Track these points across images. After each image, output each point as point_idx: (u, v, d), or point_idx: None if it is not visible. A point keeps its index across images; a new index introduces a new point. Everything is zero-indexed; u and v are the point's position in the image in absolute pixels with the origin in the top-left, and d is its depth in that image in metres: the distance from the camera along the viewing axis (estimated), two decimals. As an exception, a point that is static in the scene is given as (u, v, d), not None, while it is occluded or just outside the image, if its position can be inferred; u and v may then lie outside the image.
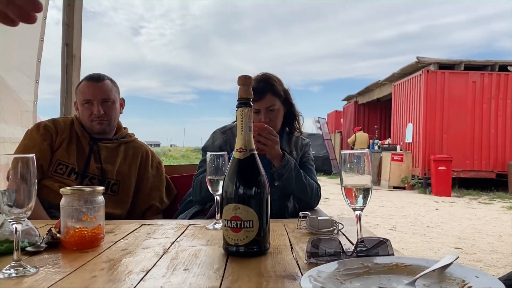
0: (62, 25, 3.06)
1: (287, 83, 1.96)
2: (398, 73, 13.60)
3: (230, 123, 2.03)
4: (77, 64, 3.03)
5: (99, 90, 1.95)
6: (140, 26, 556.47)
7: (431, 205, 8.68)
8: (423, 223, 6.52)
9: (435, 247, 4.91)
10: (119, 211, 1.94)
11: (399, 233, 5.72)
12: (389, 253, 0.91)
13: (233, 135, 1.93)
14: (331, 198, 9.02)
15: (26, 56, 2.95)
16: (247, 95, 1.03)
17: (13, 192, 0.84)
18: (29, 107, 2.93)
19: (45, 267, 0.89)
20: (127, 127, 2.14)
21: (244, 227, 0.95)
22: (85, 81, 1.98)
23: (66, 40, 3.02)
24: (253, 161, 1.01)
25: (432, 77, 11.62)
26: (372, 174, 1.00)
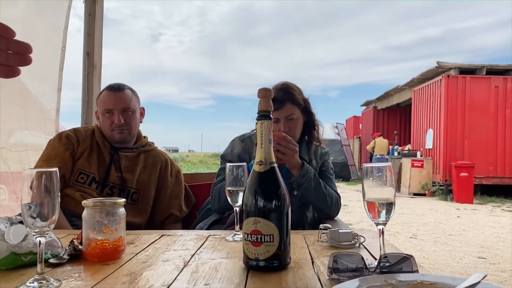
0: (83, 35, 3.11)
1: (305, 88, 1.95)
2: (418, 78, 13.44)
3: (248, 129, 2.03)
4: (98, 73, 3.08)
5: (120, 100, 1.97)
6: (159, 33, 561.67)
7: (453, 212, 8.51)
8: (445, 231, 6.40)
9: (457, 256, 4.80)
10: (139, 220, 1.95)
11: (420, 241, 5.62)
12: (413, 270, 0.89)
13: (252, 144, 1.93)
14: (350, 205, 8.93)
15: (49, 65, 3.01)
16: (267, 107, 1.02)
17: (37, 205, 0.85)
18: (52, 115, 2.98)
19: (68, 280, 0.90)
20: (147, 136, 2.16)
21: (264, 241, 0.94)
22: (106, 91, 2.01)
23: (87, 49, 3.08)
24: (273, 174, 1.00)
25: (452, 82, 11.44)
26: (395, 186, 0.98)
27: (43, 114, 2.95)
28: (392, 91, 16.40)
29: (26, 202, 0.85)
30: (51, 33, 3.06)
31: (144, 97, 2.12)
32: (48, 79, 3.01)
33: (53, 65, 3.03)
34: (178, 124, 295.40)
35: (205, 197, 2.06)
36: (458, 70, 11.71)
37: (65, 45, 3.07)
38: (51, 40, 3.02)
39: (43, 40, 3.05)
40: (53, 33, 3.04)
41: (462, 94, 11.39)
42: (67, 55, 3.12)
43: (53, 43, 3.03)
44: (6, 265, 0.97)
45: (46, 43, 3.03)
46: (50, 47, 3.03)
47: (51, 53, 3.02)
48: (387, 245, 1.04)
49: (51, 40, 3.02)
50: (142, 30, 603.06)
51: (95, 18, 3.07)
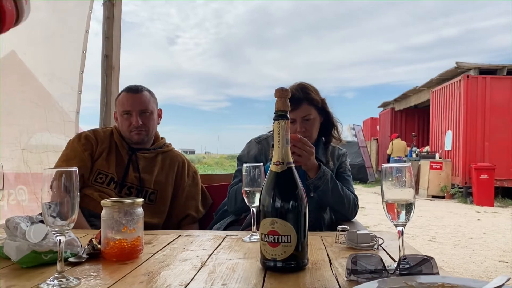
0: (102, 38, 3.16)
1: (321, 89, 1.94)
2: (437, 79, 13.25)
3: (263, 130, 2.02)
4: (116, 75, 3.12)
5: (138, 102, 1.99)
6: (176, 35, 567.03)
7: (473, 215, 8.35)
8: (464, 234, 6.28)
9: (477, 260, 4.71)
10: (156, 220, 1.96)
11: (439, 245, 5.53)
12: (434, 272, 0.87)
13: (268, 145, 1.93)
14: (368, 207, 8.84)
15: (69, 68, 3.06)
16: (284, 107, 1.02)
17: (57, 204, 0.86)
18: (72, 117, 3.03)
19: (87, 278, 0.91)
20: (164, 137, 2.18)
21: (282, 241, 0.94)
22: (124, 93, 2.03)
23: (106, 52, 3.12)
24: (291, 174, 1.00)
25: (472, 83, 11.24)
26: (414, 187, 0.96)
27: (63, 116, 3.00)
28: (410, 92, 16.21)
29: (47, 201, 0.86)
30: (72, 36, 3.11)
31: (161, 99, 2.14)
32: (69, 81, 3.06)
33: (74, 67, 3.08)
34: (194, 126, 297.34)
35: (221, 198, 2.06)
36: (478, 71, 11.50)
37: (85, 48, 3.12)
38: (72, 43, 3.08)
39: (64, 43, 3.10)
40: (74, 36, 3.10)
41: (482, 95, 11.18)
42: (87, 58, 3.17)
43: (74, 46, 3.08)
44: (27, 263, 0.99)
45: (67, 46, 3.09)
46: (71, 50, 3.08)
47: (72, 56, 3.07)
48: (406, 247, 1.02)
49: (72, 43, 3.08)
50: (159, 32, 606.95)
51: (113, 21, 3.12)
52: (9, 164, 2.76)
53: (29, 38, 2.90)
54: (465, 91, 11.21)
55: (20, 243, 1.00)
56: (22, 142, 2.85)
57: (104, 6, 3.12)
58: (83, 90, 3.15)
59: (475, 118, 11.20)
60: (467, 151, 11.22)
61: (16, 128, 2.81)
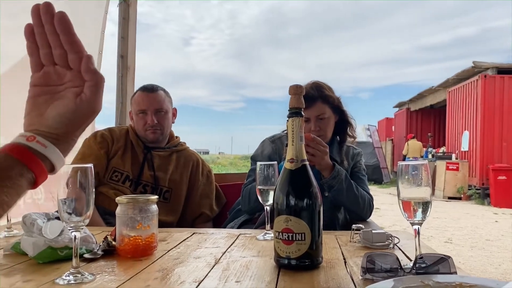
0: (117, 38, 3.19)
1: (335, 89, 1.92)
2: (453, 78, 13.06)
3: (277, 131, 2.02)
4: (132, 75, 3.15)
5: (153, 101, 2.00)
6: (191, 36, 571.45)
7: (490, 217, 8.21)
8: (482, 236, 6.17)
9: (495, 262, 4.62)
10: (170, 219, 1.97)
11: (456, 246, 5.44)
12: (451, 271, 0.85)
13: (282, 144, 1.92)
14: (382, 208, 8.76)
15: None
16: (298, 104, 1.01)
17: (72, 201, 0.87)
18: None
19: (101, 274, 0.91)
20: (179, 136, 2.18)
21: (296, 239, 0.93)
22: (139, 92, 2.05)
23: (121, 52, 3.15)
24: (305, 172, 0.99)
25: (490, 82, 11.05)
26: (431, 186, 0.94)
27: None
28: (425, 92, 16.02)
29: (62, 197, 0.87)
30: (88, 37, 3.15)
31: (175, 100, 2.15)
32: (85, 81, 3.10)
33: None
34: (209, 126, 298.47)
35: (235, 197, 2.06)
36: (496, 70, 11.31)
37: (102, 48, 3.15)
38: (88, 44, 3.10)
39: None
40: (91, 37, 3.13)
41: (500, 95, 10.99)
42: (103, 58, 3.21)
43: (90, 46, 3.11)
44: (43, 259, 1.00)
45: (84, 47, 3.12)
46: (88, 51, 3.11)
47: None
48: (423, 247, 1.01)
49: (88, 44, 3.10)
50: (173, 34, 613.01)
51: (128, 21, 3.15)
52: (26, 163, 2.80)
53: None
54: (483, 91, 11.04)
55: (37, 239, 1.02)
56: (39, 141, 2.89)
57: (120, 7, 3.16)
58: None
59: (493, 118, 11.01)
60: (484, 152, 11.04)
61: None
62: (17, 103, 2.71)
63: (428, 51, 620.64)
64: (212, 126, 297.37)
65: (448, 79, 13.46)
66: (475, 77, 11.44)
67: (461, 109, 12.42)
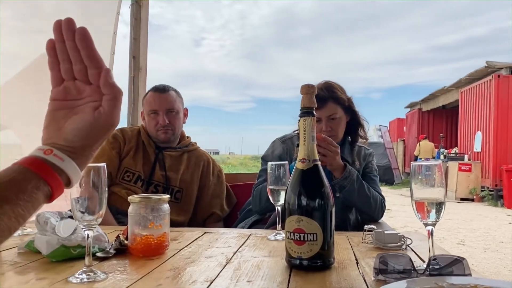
0: (129, 39, 3.21)
1: (346, 90, 1.91)
2: (466, 78, 12.92)
3: (288, 131, 2.01)
4: (143, 76, 3.16)
5: (164, 101, 2.01)
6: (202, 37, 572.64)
7: (504, 218, 8.10)
8: (495, 238, 6.09)
9: (509, 264, 4.56)
10: (182, 218, 1.98)
11: (468, 248, 5.38)
12: (466, 273, 0.84)
13: (293, 145, 1.91)
14: (394, 209, 8.69)
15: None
16: (310, 104, 1.00)
17: (85, 200, 0.88)
18: (100, 117, 3.09)
19: (114, 273, 0.92)
20: (190, 136, 2.19)
21: (307, 240, 0.93)
22: (151, 92, 2.06)
23: (133, 53, 3.17)
24: (317, 172, 0.98)
25: (503, 82, 10.91)
26: (445, 186, 0.93)
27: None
28: (437, 92, 15.87)
29: (75, 196, 0.88)
30: (100, 38, 3.17)
31: (186, 100, 2.16)
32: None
33: (103, 69, 3.14)
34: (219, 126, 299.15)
35: (246, 197, 2.06)
36: (509, 70, 11.15)
37: (114, 49, 3.17)
38: (100, 45, 3.13)
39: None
40: (103, 38, 3.16)
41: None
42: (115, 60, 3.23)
43: (103, 47, 3.14)
44: (56, 257, 1.01)
45: (97, 48, 3.15)
46: (100, 51, 3.14)
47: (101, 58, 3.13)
48: (436, 248, 1.00)
49: (100, 45, 3.13)
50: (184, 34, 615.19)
51: (140, 22, 3.16)
52: (40, 163, 2.83)
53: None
54: (496, 90, 10.90)
55: (50, 238, 1.03)
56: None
57: (132, 8, 3.17)
58: (111, 91, 3.21)
59: (506, 118, 10.87)
60: (497, 153, 10.90)
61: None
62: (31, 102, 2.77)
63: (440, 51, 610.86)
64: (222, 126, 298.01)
65: (460, 79, 13.32)
66: (488, 77, 11.30)
67: (474, 110, 12.28)
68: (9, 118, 2.67)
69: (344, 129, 1.89)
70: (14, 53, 2.74)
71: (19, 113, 2.69)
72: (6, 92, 2.61)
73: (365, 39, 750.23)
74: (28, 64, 2.77)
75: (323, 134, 1.70)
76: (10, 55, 2.72)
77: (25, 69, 2.75)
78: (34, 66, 2.73)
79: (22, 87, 2.73)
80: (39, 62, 2.83)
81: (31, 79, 2.77)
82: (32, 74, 2.76)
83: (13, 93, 2.65)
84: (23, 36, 2.81)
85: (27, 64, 2.76)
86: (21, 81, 2.72)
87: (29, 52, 2.79)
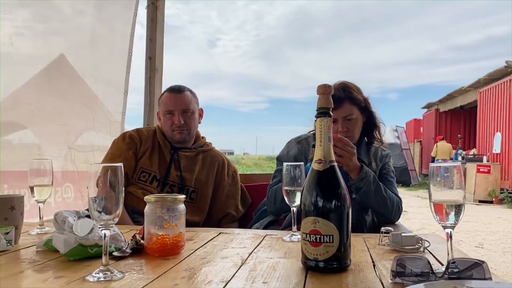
0: (145, 40, 3.24)
1: (363, 90, 1.89)
2: (485, 78, 12.71)
3: (303, 132, 2.00)
4: (159, 77, 3.19)
5: (180, 101, 2.02)
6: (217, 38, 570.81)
7: (524, 221, 7.94)
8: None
9: (529, 268, 4.46)
10: (197, 219, 1.98)
11: (487, 251, 5.28)
12: (486, 277, 0.82)
13: (308, 145, 1.90)
14: (410, 211, 8.58)
15: (116, 69, 3.16)
16: (326, 104, 1.00)
17: (103, 199, 0.89)
18: (117, 118, 3.12)
19: (130, 272, 0.92)
20: (205, 137, 2.20)
21: (324, 241, 0.92)
22: (167, 93, 2.07)
23: (149, 53, 3.19)
24: (333, 173, 0.98)
25: (524, 82, 10.70)
26: (464, 188, 0.92)
27: (108, 117, 3.10)
28: (455, 92, 15.64)
29: (93, 196, 0.89)
30: (118, 39, 3.21)
31: (201, 101, 2.16)
32: (114, 83, 3.16)
33: (120, 69, 3.18)
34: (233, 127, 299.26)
35: (260, 198, 2.06)
36: (530, 70, 10.95)
37: (131, 50, 3.21)
38: (117, 46, 3.17)
39: (111, 46, 3.21)
40: (120, 39, 3.20)
41: (534, 95, 10.64)
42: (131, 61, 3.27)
43: (120, 48, 3.18)
44: (73, 256, 1.02)
45: (115, 49, 3.19)
46: (117, 52, 3.19)
47: (119, 58, 3.17)
48: (455, 251, 0.98)
49: (117, 46, 3.18)
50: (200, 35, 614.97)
51: (156, 23, 3.19)
52: (57, 163, 2.88)
53: (78, 43, 3.02)
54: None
55: (68, 236, 1.04)
56: (69, 141, 2.96)
57: (148, 9, 3.20)
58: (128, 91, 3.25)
59: (527, 119, 10.66)
60: (517, 154, 10.70)
61: (65, 128, 2.93)
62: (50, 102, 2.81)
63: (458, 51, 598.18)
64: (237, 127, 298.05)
65: (479, 79, 13.10)
66: (508, 77, 11.09)
67: (493, 110, 12.06)
68: (28, 118, 2.71)
69: (361, 130, 1.87)
70: (33, 54, 2.78)
71: (37, 113, 2.73)
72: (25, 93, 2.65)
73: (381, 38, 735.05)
74: (46, 65, 2.81)
75: (339, 135, 1.68)
76: (29, 55, 2.77)
77: (44, 69, 2.79)
78: (53, 65, 2.77)
79: (41, 88, 2.78)
80: (57, 63, 2.88)
81: (49, 80, 2.81)
82: (50, 75, 2.81)
83: (32, 93, 2.69)
84: (42, 37, 2.85)
85: (45, 65, 2.81)
86: (40, 81, 2.76)
87: (48, 53, 2.84)
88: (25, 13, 2.71)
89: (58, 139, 2.88)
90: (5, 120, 2.50)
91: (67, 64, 2.93)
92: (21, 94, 2.64)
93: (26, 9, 2.72)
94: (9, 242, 1.15)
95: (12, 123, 2.61)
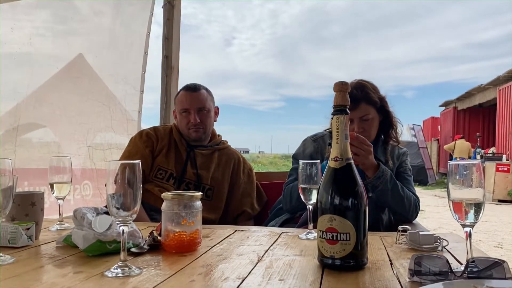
0: (162, 39, 3.26)
1: (379, 88, 1.86)
2: (504, 76, 12.47)
3: (319, 130, 1.98)
4: (176, 75, 3.21)
5: (196, 100, 2.03)
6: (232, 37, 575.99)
7: (545, 222, 7.76)
8: (536, 241, 5.85)
9: (551, 269, 4.36)
10: (213, 216, 2.00)
11: (506, 251, 5.19)
12: (507, 277, 0.81)
13: (324, 143, 1.89)
14: (427, 210, 8.47)
15: (132, 69, 3.20)
16: (343, 101, 0.99)
17: (121, 196, 0.90)
18: (134, 116, 3.16)
19: (148, 268, 0.94)
20: (220, 135, 2.21)
21: (340, 239, 0.91)
22: (183, 91, 2.08)
23: (166, 52, 3.21)
24: (350, 171, 0.97)
25: (545, 80, 10.47)
26: (484, 186, 0.90)
27: (126, 115, 3.13)
28: (474, 90, 15.38)
29: (111, 193, 0.90)
30: (134, 39, 3.25)
31: (217, 99, 2.17)
32: (131, 82, 3.20)
33: (136, 68, 3.21)
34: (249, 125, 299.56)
35: (276, 196, 2.06)
36: (552, 67, 10.70)
37: (147, 49, 3.24)
38: (134, 45, 3.21)
39: (128, 45, 3.25)
40: (137, 38, 3.23)
41: (556, 93, 10.40)
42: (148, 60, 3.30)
43: (136, 48, 3.21)
44: (92, 252, 1.04)
45: (131, 48, 3.23)
46: (134, 52, 3.22)
47: (135, 58, 3.20)
48: (474, 250, 0.97)
49: (134, 45, 3.21)
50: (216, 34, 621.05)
51: (173, 22, 3.20)
52: (76, 161, 2.93)
53: (96, 43, 3.07)
54: (537, 88, 10.48)
55: (87, 232, 1.06)
56: (88, 139, 3.01)
57: (164, 8, 3.22)
58: (145, 90, 3.28)
59: (548, 117, 10.43)
60: (538, 153, 10.48)
61: (85, 126, 2.98)
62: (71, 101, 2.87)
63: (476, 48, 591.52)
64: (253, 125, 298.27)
65: (498, 77, 12.86)
66: (529, 74, 10.88)
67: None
68: (47, 117, 2.76)
69: (377, 129, 1.85)
70: (52, 54, 2.84)
71: (56, 112, 2.78)
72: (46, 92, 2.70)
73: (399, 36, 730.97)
74: (66, 65, 2.86)
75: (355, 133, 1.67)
76: (48, 55, 2.82)
77: (63, 69, 2.84)
78: (72, 65, 2.82)
79: (60, 87, 2.83)
80: (76, 63, 2.92)
81: (68, 79, 2.86)
82: (69, 74, 2.85)
83: (53, 93, 2.75)
84: (61, 37, 2.90)
85: (65, 65, 2.86)
86: (59, 81, 2.81)
87: (67, 53, 2.88)
88: (44, 14, 2.76)
89: (77, 138, 2.93)
90: (27, 118, 2.56)
91: (86, 64, 2.98)
92: (42, 93, 2.69)
93: (45, 10, 2.76)
94: (30, 237, 1.17)
95: (33, 122, 2.66)
